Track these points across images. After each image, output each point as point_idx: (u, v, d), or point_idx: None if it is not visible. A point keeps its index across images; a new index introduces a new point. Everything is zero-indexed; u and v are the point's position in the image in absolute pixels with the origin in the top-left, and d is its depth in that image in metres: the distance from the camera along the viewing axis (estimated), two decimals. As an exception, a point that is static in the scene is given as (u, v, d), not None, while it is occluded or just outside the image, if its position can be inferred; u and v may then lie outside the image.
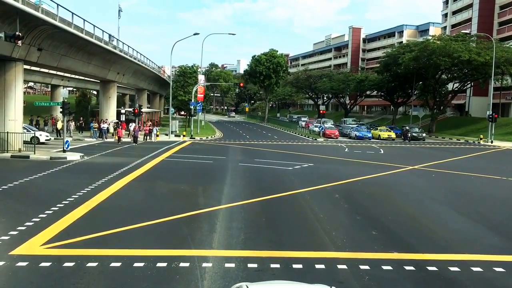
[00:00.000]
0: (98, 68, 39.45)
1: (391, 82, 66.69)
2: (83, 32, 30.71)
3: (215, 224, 13.09)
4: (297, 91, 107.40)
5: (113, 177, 20.28)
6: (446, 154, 35.63)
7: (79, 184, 18.06)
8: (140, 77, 58.36)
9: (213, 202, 15.85)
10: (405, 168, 26.32)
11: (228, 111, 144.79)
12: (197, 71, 60.64)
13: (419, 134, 51.04)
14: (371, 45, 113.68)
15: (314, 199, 17.04)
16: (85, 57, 35.33)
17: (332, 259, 10.31)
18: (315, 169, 25.34)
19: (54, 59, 30.72)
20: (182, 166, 25.22)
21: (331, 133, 50.58)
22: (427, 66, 55.94)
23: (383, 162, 28.78)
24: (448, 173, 24.84)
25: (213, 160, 28.01)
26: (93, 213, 14.01)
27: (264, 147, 37.69)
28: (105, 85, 46.08)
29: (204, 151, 33.84)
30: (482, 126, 58.93)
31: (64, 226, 12.35)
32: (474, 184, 21.80)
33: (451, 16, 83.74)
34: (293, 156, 30.98)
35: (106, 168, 22.77)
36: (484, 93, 70.55)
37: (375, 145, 42.40)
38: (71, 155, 26.31)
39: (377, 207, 15.81)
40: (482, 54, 49.96)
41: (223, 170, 23.57)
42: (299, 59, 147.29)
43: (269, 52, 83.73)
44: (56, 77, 64.03)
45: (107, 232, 11.94)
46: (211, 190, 18.11)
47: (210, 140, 45.23)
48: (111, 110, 46.31)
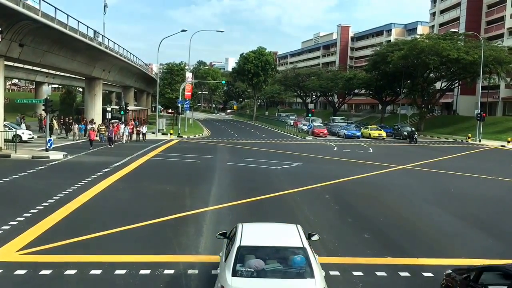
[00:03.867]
0: (83, 65, 38.58)
1: (380, 81, 66.63)
2: (66, 28, 29.86)
3: (202, 227, 12.60)
4: (285, 89, 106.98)
5: (97, 177, 19.66)
6: (435, 153, 35.50)
7: (61, 185, 17.43)
8: (127, 74, 57.45)
9: (200, 204, 15.35)
10: (395, 168, 26.05)
11: (216, 109, 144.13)
12: (184, 68, 59.85)
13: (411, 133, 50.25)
14: (359, 44, 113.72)
15: (303, 200, 16.62)
16: (69, 54, 34.48)
17: (324, 265, 9.84)
18: (304, 168, 24.93)
19: (37, 55, 29.89)
20: (169, 166, 24.61)
21: (320, 132, 50.26)
22: (416, 64, 55.91)
23: (372, 162, 28.49)
24: (438, 173, 24.60)
25: (200, 159, 27.45)
26: (74, 215, 13.42)
27: (253, 146, 37.21)
28: (90, 82, 45.19)
29: (192, 150, 33.24)
30: (470, 124, 59.07)
31: (43, 230, 11.77)
32: (465, 184, 21.57)
33: (439, 15, 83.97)
34: (282, 155, 30.55)
35: (90, 168, 22.11)
36: (472, 92, 70.85)
37: (363, 144, 42.17)
38: (54, 154, 25.56)
39: (369, 209, 15.43)
40: (471, 53, 50.02)
41: (211, 170, 23.05)
42: (288, 57, 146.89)
43: (257, 50, 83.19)
44: (40, 74, 62.80)
45: (88, 236, 11.38)
46: (198, 191, 17.59)
47: (198, 139, 44.61)
48: (96, 108, 45.42)
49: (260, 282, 6.46)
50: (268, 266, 6.71)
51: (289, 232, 7.61)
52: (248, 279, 6.46)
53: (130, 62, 52.65)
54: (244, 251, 6.85)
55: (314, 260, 6.80)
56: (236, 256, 6.72)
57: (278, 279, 6.54)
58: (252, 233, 7.46)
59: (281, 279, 6.55)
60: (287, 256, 6.93)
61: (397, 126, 53.53)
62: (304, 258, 6.76)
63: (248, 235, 7.31)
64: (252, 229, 7.75)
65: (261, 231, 7.99)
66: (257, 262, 6.70)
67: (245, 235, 7.28)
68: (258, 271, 6.59)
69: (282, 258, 6.92)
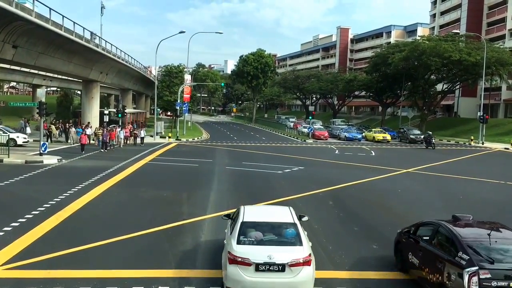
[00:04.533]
0: (80, 67, 37.87)
1: (380, 82, 66.00)
2: (62, 29, 29.17)
3: (200, 238, 11.88)
4: (284, 92, 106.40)
5: (91, 182, 18.93)
6: (438, 156, 34.80)
7: (54, 191, 16.69)
8: (125, 77, 56.77)
9: (198, 211, 14.63)
10: (398, 172, 25.35)
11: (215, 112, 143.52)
12: (183, 70, 59.10)
13: (418, 137, 47.37)
14: (359, 46, 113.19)
15: (306, 207, 15.90)
16: (65, 56, 33.78)
17: (331, 280, 9.19)
18: (306, 172, 24.21)
19: (31, 57, 29.20)
20: (166, 170, 23.88)
21: (321, 135, 49.48)
22: (417, 66, 55.25)
23: (375, 165, 27.81)
24: (443, 177, 23.90)
25: (199, 163, 26.72)
26: (64, 225, 12.69)
27: (252, 149, 36.50)
28: (87, 85, 44.47)
29: (190, 153, 32.54)
30: (472, 127, 58.45)
31: (30, 242, 11.04)
32: (473, 189, 20.87)
33: (439, 17, 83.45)
34: (282, 159, 29.84)
35: (84, 173, 21.38)
36: (473, 94, 70.33)
37: (365, 147, 41.48)
38: (48, 159, 24.81)
39: (375, 216, 14.72)
40: (473, 54, 49.36)
41: (210, 175, 22.33)
42: (287, 59, 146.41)
43: (256, 52, 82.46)
44: (37, 77, 62.21)
45: (78, 248, 10.65)
46: (196, 197, 16.87)
47: (197, 142, 43.90)
48: (94, 111, 44.67)
49: (259, 248, 8.04)
50: (265, 237, 8.35)
51: (283, 212, 9.31)
52: (249, 246, 8.10)
53: (128, 65, 51.98)
54: (246, 226, 8.46)
55: (302, 233, 8.42)
56: (240, 229, 8.34)
57: (273, 246, 8.11)
58: (252, 213, 9.10)
59: (276, 246, 8.12)
60: (281, 229, 8.55)
61: (403, 129, 51.60)
62: (294, 231, 8.40)
63: (249, 214, 8.95)
64: (252, 209, 9.49)
65: (259, 211, 9.80)
66: (257, 234, 8.37)
67: (246, 214, 8.91)
68: (258, 241, 8.25)
69: (277, 231, 8.53)
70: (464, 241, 7.61)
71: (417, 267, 8.69)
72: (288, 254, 7.88)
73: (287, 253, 7.90)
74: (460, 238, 7.72)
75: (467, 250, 7.36)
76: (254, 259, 7.80)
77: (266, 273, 7.80)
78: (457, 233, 7.91)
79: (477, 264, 7.02)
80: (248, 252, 7.88)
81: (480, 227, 8.53)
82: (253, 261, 7.78)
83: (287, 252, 7.93)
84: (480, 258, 7.13)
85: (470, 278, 6.95)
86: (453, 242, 7.83)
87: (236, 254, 7.87)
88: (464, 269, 7.08)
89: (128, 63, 51.84)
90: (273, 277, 7.80)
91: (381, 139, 47.74)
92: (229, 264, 7.92)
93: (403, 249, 9.52)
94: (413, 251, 8.93)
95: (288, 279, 7.78)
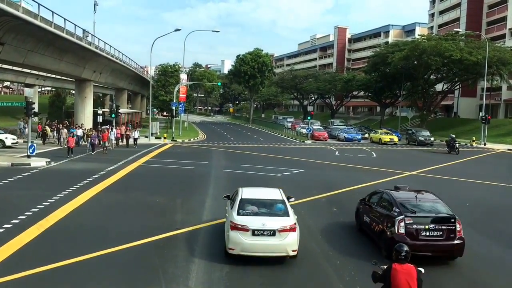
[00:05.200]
0: (72, 65, 36.66)
1: (379, 82, 65.05)
2: (51, 25, 28.01)
3: (194, 251, 10.79)
4: (282, 92, 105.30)
5: (79, 187, 17.82)
6: (441, 157, 33.84)
7: (38, 197, 15.59)
8: (119, 76, 55.55)
9: (193, 219, 13.55)
10: (403, 174, 24.34)
11: (212, 112, 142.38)
12: (179, 70, 57.83)
13: (427, 139, 44.63)
14: (357, 45, 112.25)
15: (309, 214, 14.86)
16: (56, 54, 32.59)
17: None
18: (306, 175, 23.16)
19: (20, 54, 28.03)
20: (160, 174, 22.74)
21: (320, 135, 48.25)
22: (417, 66, 54.32)
23: (378, 167, 26.79)
24: (450, 180, 22.92)
25: (195, 165, 25.62)
26: (45, 236, 11.59)
27: (250, 150, 35.43)
28: (80, 84, 43.29)
29: (186, 155, 31.43)
30: (472, 127, 57.57)
31: (5, 257, 9.93)
32: (483, 194, 19.86)
33: (438, 16, 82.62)
34: (281, 161, 28.78)
35: (73, 176, 20.26)
36: (472, 94, 69.51)
37: (365, 148, 40.48)
38: (36, 161, 23.67)
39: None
40: (474, 54, 48.44)
41: (206, 178, 21.24)
42: (284, 59, 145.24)
43: (254, 51, 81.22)
44: (30, 76, 60.84)
45: (58, 264, 9.57)
46: (191, 203, 15.79)
47: (193, 143, 42.78)
48: (87, 111, 43.51)
49: (254, 218, 9.93)
50: (260, 210, 10.27)
51: (274, 192, 11.30)
52: (247, 216, 9.99)
53: (122, 64, 50.77)
54: (244, 202, 10.39)
55: (289, 208, 10.50)
56: (239, 204, 10.26)
57: (266, 217, 10.02)
58: (249, 192, 11.05)
59: (268, 216, 10.06)
60: (272, 205, 10.52)
61: (411, 130, 48.15)
62: (283, 206, 10.42)
63: (246, 193, 10.89)
64: (248, 190, 11.39)
65: (255, 191, 11.65)
66: (253, 208, 10.31)
67: (244, 193, 10.84)
68: (254, 213, 10.18)
69: (269, 206, 10.47)
70: (397, 201, 10.82)
71: (368, 224, 11.82)
72: (277, 222, 9.86)
73: (277, 221, 9.88)
74: (395, 199, 10.93)
75: (398, 206, 10.59)
76: (251, 226, 9.72)
77: (260, 237, 9.71)
78: (393, 196, 11.12)
79: (404, 214, 10.24)
80: (246, 221, 9.83)
81: (411, 192, 11.69)
82: (250, 228, 9.71)
83: (277, 221, 9.92)
84: (406, 211, 10.38)
85: (398, 224, 10.13)
86: (391, 202, 11.00)
87: (237, 222, 9.81)
88: (395, 218, 10.29)
89: (122, 62, 50.64)
90: (266, 240, 9.71)
91: (388, 141, 45.12)
92: (231, 230, 9.82)
93: (360, 213, 12.69)
94: (367, 213, 12.09)
95: (278, 241, 9.71)
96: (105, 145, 30.34)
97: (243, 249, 9.67)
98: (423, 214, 10.34)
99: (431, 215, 10.44)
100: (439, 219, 10.27)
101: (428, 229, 10.08)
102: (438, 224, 10.16)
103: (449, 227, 10.16)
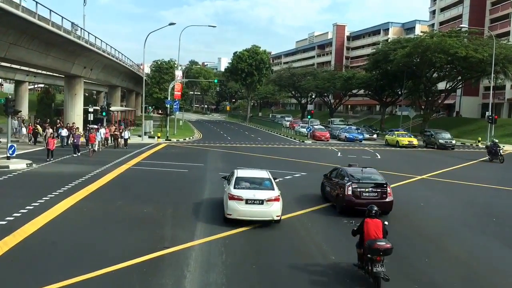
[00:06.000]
0: (59, 60, 34.64)
1: (380, 80, 63.29)
2: (35, 16, 26.05)
3: (184, 278, 8.96)
4: (279, 90, 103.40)
5: (59, 194, 15.95)
6: (449, 159, 32.14)
7: (10, 206, 13.72)
8: (112, 73, 53.52)
9: (184, 235, 11.74)
10: (412, 178, 22.61)
11: (208, 110, 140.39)
12: (174, 66, 55.79)
13: (448, 142, 40.45)
14: (356, 43, 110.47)
15: (317, 226, 13.09)
16: (41, 47, 30.59)
17: None
18: (310, 180, 21.22)
19: (1, 48, 26.06)
20: (150, 178, 20.81)
21: (322, 135, 46.03)
22: (420, 63, 52.59)
23: (384, 170, 24.72)
24: (466, 186, 21.19)
25: (188, 168, 23.76)
26: (7, 258, 9.71)
27: (248, 151, 33.60)
28: (70, 81, 41.26)
29: (180, 156, 29.56)
30: (475, 127, 55.98)
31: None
32: (502, 200, 18.13)
33: (439, 13, 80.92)
34: (282, 163, 26.99)
35: (55, 181, 18.39)
36: (475, 93, 67.96)
37: (368, 149, 38.74)
38: (16, 163, 21.75)
39: (404, 242, 11.71)
40: (480, 51, 46.75)
41: (200, 183, 19.40)
42: (281, 57, 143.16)
43: (251, 48, 79.24)
44: (20, 72, 58.59)
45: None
46: (182, 214, 13.95)
47: (188, 142, 40.91)
48: (77, 108, 41.49)
49: (247, 191, 12.69)
50: (251, 185, 13.04)
51: (263, 172, 14.20)
52: (241, 189, 12.73)
53: (115, 60, 48.75)
54: (239, 179, 13.22)
55: (274, 184, 13.23)
56: (235, 181, 13.08)
57: (256, 190, 12.79)
58: (243, 172, 14.10)
59: (258, 190, 12.82)
60: (261, 181, 13.33)
61: (429, 132, 43.80)
62: (269, 182, 13.27)
63: (240, 173, 13.84)
64: (242, 171, 14.59)
65: (247, 172, 14.75)
66: (246, 183, 13.10)
67: (239, 173, 13.73)
68: (247, 187, 12.93)
69: (258, 182, 13.29)
70: (348, 173, 14.70)
71: (329, 191, 15.76)
72: (265, 194, 12.52)
73: (265, 193, 12.54)
74: (347, 172, 14.82)
75: (348, 177, 14.43)
76: (245, 196, 12.35)
77: (251, 205, 12.29)
78: (346, 170, 15.06)
79: (351, 181, 14.15)
80: (241, 193, 12.47)
81: (359, 168, 15.68)
82: (244, 198, 12.32)
83: (265, 193, 12.57)
84: (353, 179, 14.24)
85: (347, 188, 13.96)
86: (343, 175, 14.80)
87: (234, 194, 12.45)
88: (345, 184, 14.18)
89: (115, 58, 48.64)
90: (256, 207, 12.32)
91: (406, 143, 40.66)
92: (229, 200, 12.43)
93: (324, 185, 16.51)
94: (328, 184, 15.91)
95: (265, 209, 12.35)
96: (92, 147, 27.52)
97: (238, 215, 12.40)
98: (364, 181, 14.32)
99: (370, 182, 14.39)
100: (375, 185, 14.24)
101: (367, 191, 14.03)
102: (374, 188, 14.13)
103: (382, 190, 14.10)
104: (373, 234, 8.70)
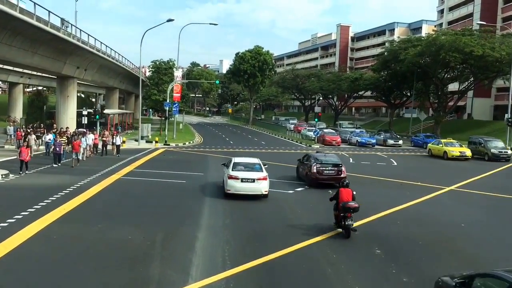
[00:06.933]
0: (48, 59, 32.03)
1: (388, 81, 60.58)
2: (16, 9, 23.47)
3: None
4: (282, 92, 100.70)
5: (29, 214, 13.32)
6: (473, 166, 29.45)
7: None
8: (108, 74, 50.92)
9: (176, 276, 9.09)
10: (441, 190, 19.92)
11: (210, 112, 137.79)
12: (173, 67, 53.08)
13: (502, 152, 33.11)
14: (360, 44, 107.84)
15: (343, 259, 10.44)
16: (27, 45, 27.99)
17: None
18: (325, 193, 18.56)
19: (-21, 45, 23.53)
20: (141, 192, 18.00)
21: (332, 140, 42.49)
22: (432, 63, 49.86)
23: (405, 180, 22.36)
24: (504, 199, 18.48)
25: (186, 178, 21.07)
26: None
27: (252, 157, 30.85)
28: (62, 82, 38.74)
29: (178, 163, 26.91)
30: (489, 130, 53.26)
31: None
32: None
33: (448, 12, 78.22)
34: (291, 171, 24.20)
35: (30, 196, 15.79)
36: (487, 94, 65.31)
37: (381, 154, 36.03)
38: (-10, 174, 19.12)
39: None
40: (497, 49, 44.04)
41: (199, 199, 16.72)
42: (284, 58, 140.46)
43: (254, 49, 76.31)
44: (13, 74, 56.01)
45: None
46: (176, 243, 11.29)
47: (188, 147, 38.25)
48: (69, 111, 38.92)
49: (242, 172, 16.64)
50: (245, 168, 17.04)
51: (255, 159, 18.46)
52: (238, 171, 16.68)
53: (111, 60, 46.16)
54: (236, 164, 17.36)
55: (263, 168, 17.40)
56: (233, 165, 17.13)
57: (249, 171, 16.78)
58: (239, 159, 18.34)
59: (250, 171, 16.80)
60: (253, 165, 17.45)
61: (478, 139, 36.29)
62: (259, 166, 17.40)
63: (237, 160, 18.10)
64: (239, 158, 18.84)
65: (243, 159, 18.84)
66: (241, 167, 17.13)
67: (236, 160, 18.02)
68: (242, 170, 16.87)
69: (251, 166, 17.38)
70: (315, 157, 20.44)
71: (301, 171, 21.30)
72: (256, 174, 16.66)
73: (255, 174, 16.68)
74: (314, 156, 20.62)
75: (314, 159, 20.02)
76: (240, 176, 16.43)
77: (245, 182, 16.36)
78: (314, 156, 20.87)
79: (315, 162, 19.76)
80: (237, 173, 16.54)
81: (323, 153, 22.60)
82: (240, 177, 16.39)
83: (255, 174, 16.71)
84: (317, 161, 19.82)
85: (313, 167, 19.51)
86: (311, 159, 20.34)
87: (232, 174, 16.51)
88: (311, 164, 19.73)
89: (111, 58, 46.07)
90: (249, 184, 16.39)
91: (457, 155, 33.05)
92: (228, 179, 16.50)
93: (298, 168, 21.91)
94: (302, 167, 21.16)
95: (256, 185, 16.44)
96: (76, 156, 24.17)
97: (235, 190, 16.24)
98: (326, 162, 19.79)
99: (329, 162, 19.87)
100: (333, 165, 19.67)
101: (328, 170, 19.45)
102: (332, 167, 19.54)
103: (338, 169, 19.45)
104: (346, 198, 12.07)
